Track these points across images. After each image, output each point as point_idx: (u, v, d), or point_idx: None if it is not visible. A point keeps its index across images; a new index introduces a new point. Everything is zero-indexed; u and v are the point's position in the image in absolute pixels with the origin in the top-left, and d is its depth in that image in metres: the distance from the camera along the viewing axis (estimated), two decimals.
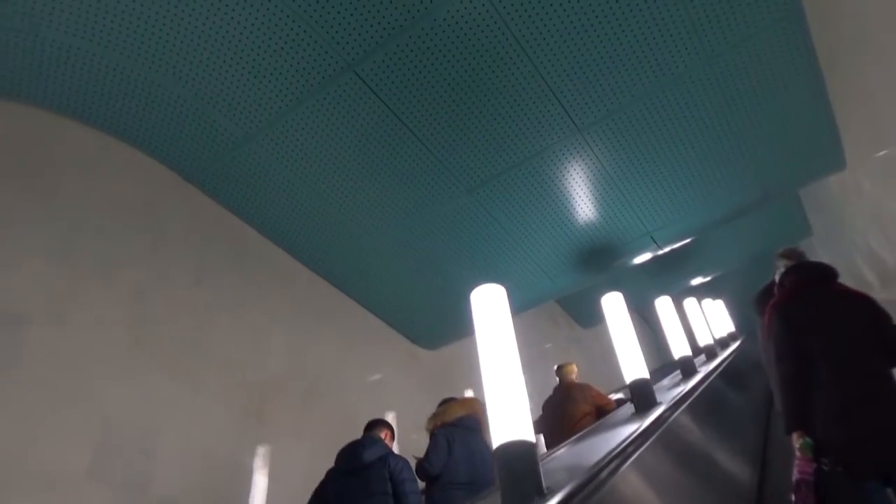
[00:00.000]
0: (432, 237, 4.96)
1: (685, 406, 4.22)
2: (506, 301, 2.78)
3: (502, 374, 2.51)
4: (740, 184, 4.74)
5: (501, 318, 2.71)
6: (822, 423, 2.40)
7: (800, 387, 2.51)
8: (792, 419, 2.50)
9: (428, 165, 4.35)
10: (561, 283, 5.59)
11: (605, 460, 2.34)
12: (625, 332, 4.40)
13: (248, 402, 4.11)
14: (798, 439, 2.43)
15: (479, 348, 2.62)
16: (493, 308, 2.74)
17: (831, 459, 2.30)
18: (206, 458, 3.70)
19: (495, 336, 2.64)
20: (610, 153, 4.43)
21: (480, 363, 2.57)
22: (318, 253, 5.06)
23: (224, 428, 3.91)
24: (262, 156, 4.24)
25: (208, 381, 3.92)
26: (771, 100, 4.15)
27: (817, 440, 2.38)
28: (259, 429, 4.12)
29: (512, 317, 6.14)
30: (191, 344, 3.96)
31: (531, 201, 4.75)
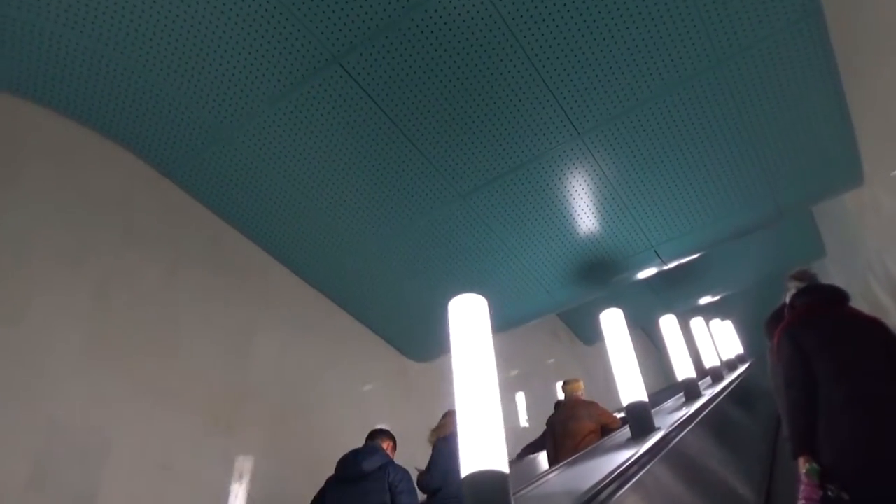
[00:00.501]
0: (422, 243, 4.72)
1: (685, 432, 3.97)
2: (486, 314, 2.55)
3: (477, 395, 2.29)
4: (751, 198, 4.46)
5: (480, 332, 2.49)
6: (830, 449, 2.36)
7: (808, 411, 2.46)
8: (799, 444, 2.45)
9: (418, 167, 4.12)
10: (559, 296, 5.32)
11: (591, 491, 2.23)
12: (624, 350, 4.19)
13: (216, 411, 3.85)
14: (804, 464, 2.39)
15: (454, 364, 2.40)
16: (472, 321, 2.51)
17: (837, 486, 2.26)
18: (163, 470, 3.43)
19: (473, 352, 2.42)
20: (612, 160, 4.17)
21: (455, 381, 2.34)
22: (303, 256, 4.82)
23: (187, 437, 3.65)
24: (243, 151, 4.03)
25: (173, 385, 3.67)
26: (785, 108, 3.89)
27: (824, 466, 2.34)
28: (227, 441, 3.86)
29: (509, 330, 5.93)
30: (157, 343, 3.73)
31: (527, 209, 4.50)
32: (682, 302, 9.59)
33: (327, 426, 4.69)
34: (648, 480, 2.70)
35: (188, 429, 3.68)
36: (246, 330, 4.35)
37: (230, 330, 4.22)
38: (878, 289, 5.73)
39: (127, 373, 3.50)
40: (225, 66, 3.50)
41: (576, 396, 4.83)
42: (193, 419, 3.73)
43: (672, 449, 3.48)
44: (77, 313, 3.40)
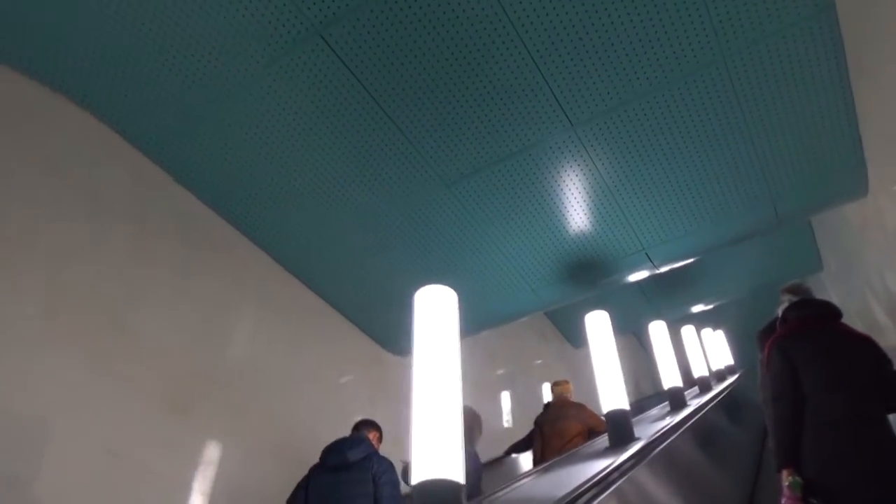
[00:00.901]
0: (403, 231, 4.50)
1: (666, 443, 3.82)
2: (455, 308, 2.37)
3: (438, 398, 2.09)
4: (749, 203, 4.25)
5: (447, 327, 2.29)
6: (815, 463, 2.41)
7: (795, 425, 2.52)
8: (784, 456, 2.51)
9: (401, 151, 3.90)
10: (544, 295, 5.11)
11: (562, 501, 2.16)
12: (607, 355, 4.04)
13: (172, 395, 3.63)
14: (788, 477, 2.45)
15: (415, 360, 2.22)
16: (438, 315, 2.32)
17: (819, 500, 2.33)
18: (110, 455, 3.22)
19: (437, 349, 2.23)
20: (605, 155, 3.96)
21: (414, 379, 2.16)
22: (277, 236, 4.59)
23: (139, 422, 3.43)
24: (217, 127, 3.81)
25: (128, 367, 3.45)
26: (790, 109, 3.69)
27: (807, 479, 2.39)
28: (182, 427, 3.65)
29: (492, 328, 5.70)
30: (115, 321, 3.50)
31: (514, 202, 4.28)
32: (674, 309, 9.45)
33: (296, 415, 4.49)
34: (624, 492, 2.60)
35: (141, 413, 3.47)
36: (214, 311, 4.13)
37: (197, 311, 4.01)
38: (875, 307, 5.55)
39: (79, 352, 3.27)
40: (201, 35, 3.28)
41: (565, 397, 4.91)
42: (148, 403, 3.52)
43: (651, 460, 3.29)
44: (29, 288, 3.19)
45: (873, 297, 5.56)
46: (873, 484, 2.29)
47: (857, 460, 2.35)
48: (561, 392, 4.99)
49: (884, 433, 2.42)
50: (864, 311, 6.13)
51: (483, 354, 7.33)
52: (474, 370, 7.16)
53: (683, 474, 3.69)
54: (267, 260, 4.71)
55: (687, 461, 3.95)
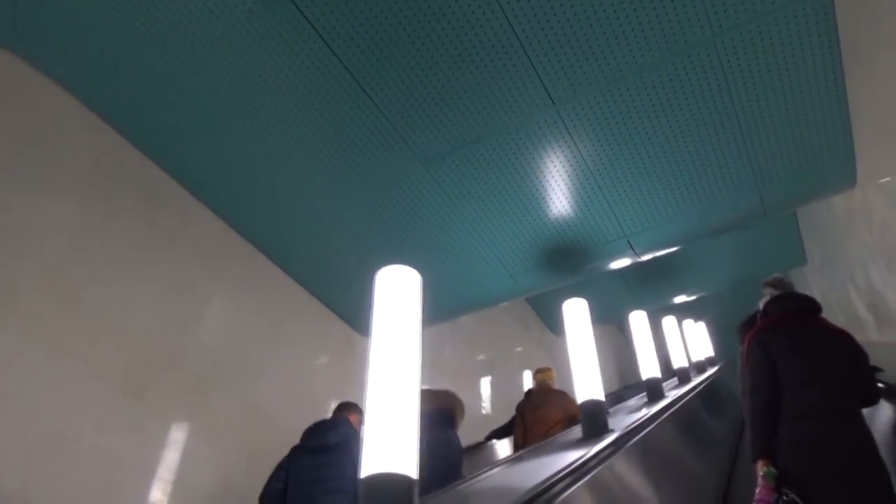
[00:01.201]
0: (378, 211, 4.33)
1: (641, 436, 3.72)
2: (418, 291, 2.22)
3: (394, 386, 1.95)
4: (735, 191, 4.13)
5: (408, 312, 2.15)
6: (790, 454, 2.47)
7: (771, 417, 2.57)
8: (759, 448, 2.56)
9: (377, 127, 3.72)
10: (523, 281, 4.98)
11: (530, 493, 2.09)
12: (584, 344, 3.92)
13: (132, 378, 3.47)
14: (763, 467, 2.50)
15: (371, 345, 2.08)
16: (399, 297, 2.17)
17: (793, 490, 2.36)
18: (61, 440, 3.05)
19: (396, 334, 2.08)
20: (588, 137, 3.81)
21: (369, 364, 2.02)
22: (246, 214, 4.42)
23: (96, 406, 3.27)
24: (184, 95, 3.60)
25: (82, 346, 3.27)
26: (780, 95, 3.56)
27: (782, 470, 2.45)
28: (143, 411, 3.48)
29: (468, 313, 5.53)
30: (71, 299, 3.32)
31: (493, 184, 4.13)
32: (656, 299, 9.39)
33: (265, 400, 4.35)
34: (594, 485, 2.55)
35: (100, 397, 3.30)
36: (177, 289, 3.95)
37: (159, 288, 3.82)
38: (857, 301, 5.49)
39: (33, 334, 3.10)
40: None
41: (547, 384, 4.86)
42: (102, 384, 3.34)
43: (624, 452, 3.20)
44: None
45: (855, 292, 5.50)
46: (846, 476, 2.35)
47: (831, 453, 2.40)
48: (543, 379, 4.92)
49: (858, 427, 2.47)
50: (846, 305, 6.09)
51: (462, 340, 7.22)
52: (452, 356, 7.05)
53: (657, 466, 3.61)
54: (236, 239, 4.53)
55: (661, 453, 3.87)
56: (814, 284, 8.49)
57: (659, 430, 4.10)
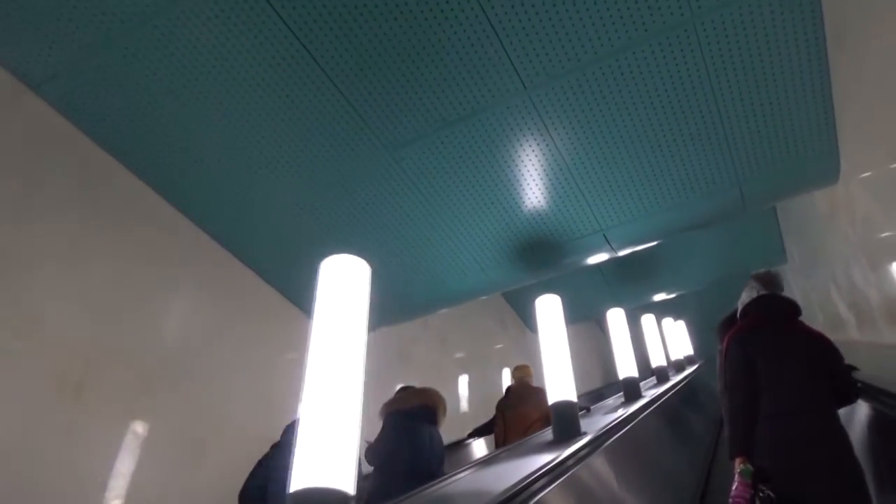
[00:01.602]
0: (339, 200, 4.09)
1: (615, 438, 3.58)
2: (366, 284, 2.02)
3: (332, 389, 1.74)
4: (714, 183, 3.96)
5: (354, 306, 1.94)
6: (766, 452, 2.52)
7: (748, 416, 2.63)
8: (736, 445, 2.62)
9: (337, 110, 3.48)
10: (495, 276, 4.77)
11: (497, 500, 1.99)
12: (557, 341, 3.75)
13: (63, 375, 3.19)
14: (739, 465, 2.55)
15: (311, 342, 1.87)
16: (345, 291, 1.96)
17: (769, 487, 2.40)
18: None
19: (339, 331, 1.86)
20: (561, 124, 3.61)
21: (308, 363, 1.81)
22: (198, 197, 4.11)
23: (29, 406, 3.00)
24: (128, 66, 3.32)
25: (11, 342, 3.01)
26: (762, 84, 3.39)
27: (758, 468, 2.49)
28: (73, 410, 3.21)
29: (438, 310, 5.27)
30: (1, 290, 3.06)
31: (462, 173, 3.91)
32: (636, 297, 9.28)
33: (221, 398, 4.10)
34: (563, 491, 2.47)
35: (33, 396, 3.03)
36: (122, 281, 3.66)
37: (100, 280, 3.53)
38: (838, 301, 5.37)
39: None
40: None
41: (525, 382, 4.93)
42: (41, 384, 3.08)
43: (596, 456, 3.07)
44: None
45: (836, 290, 5.38)
46: (821, 474, 2.40)
47: (806, 451, 2.46)
48: (521, 376, 4.96)
49: (834, 426, 2.53)
50: (827, 304, 5.98)
51: (434, 338, 7.03)
52: (425, 354, 6.86)
53: (631, 469, 3.49)
54: (187, 224, 4.22)
55: (636, 456, 3.73)
56: (793, 283, 8.40)
57: (634, 431, 3.97)
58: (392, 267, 4.54)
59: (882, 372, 3.48)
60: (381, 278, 2.31)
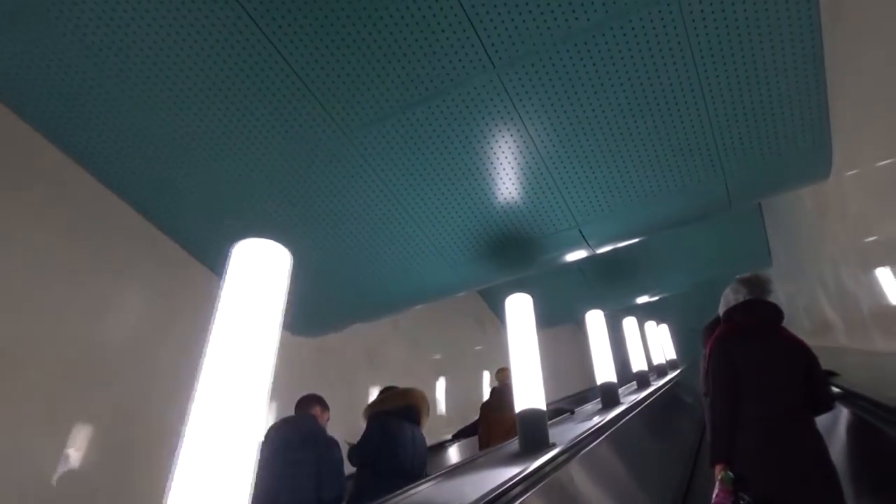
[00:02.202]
0: (294, 188, 3.76)
1: (588, 449, 3.35)
2: (285, 275, 1.71)
3: (232, 395, 1.43)
4: (697, 178, 3.68)
5: (265, 303, 1.63)
6: (747, 459, 2.52)
7: (730, 423, 2.63)
8: (717, 452, 2.62)
9: (288, 87, 3.16)
10: (465, 274, 4.46)
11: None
12: (527, 344, 3.47)
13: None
14: (720, 472, 2.55)
15: (209, 345, 1.56)
16: (256, 283, 1.65)
17: (749, 494, 2.43)
18: None
19: (244, 334, 1.56)
20: (534, 108, 3.31)
21: (201, 369, 1.49)
22: (134, 179, 3.75)
23: None
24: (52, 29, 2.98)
25: None
26: (751, 65, 3.10)
27: (739, 475, 2.50)
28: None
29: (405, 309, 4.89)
30: None
31: (426, 160, 3.59)
32: (619, 299, 9.06)
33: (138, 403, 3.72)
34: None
35: None
36: (43, 268, 3.31)
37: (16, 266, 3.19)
38: (826, 304, 5.12)
39: None
40: None
41: (508, 384, 4.80)
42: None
43: (566, 471, 2.82)
44: None
45: (824, 294, 5.14)
46: (800, 481, 2.43)
47: (786, 459, 2.47)
48: (504, 379, 4.93)
49: (813, 434, 2.55)
50: (814, 309, 5.74)
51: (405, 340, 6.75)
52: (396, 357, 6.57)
53: (604, 485, 3.22)
54: (111, 199, 3.84)
55: (610, 470, 3.46)
56: (779, 287, 8.15)
57: (610, 441, 3.71)
58: (352, 259, 4.22)
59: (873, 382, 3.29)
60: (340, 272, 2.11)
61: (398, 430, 3.59)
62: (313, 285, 4.44)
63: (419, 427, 3.76)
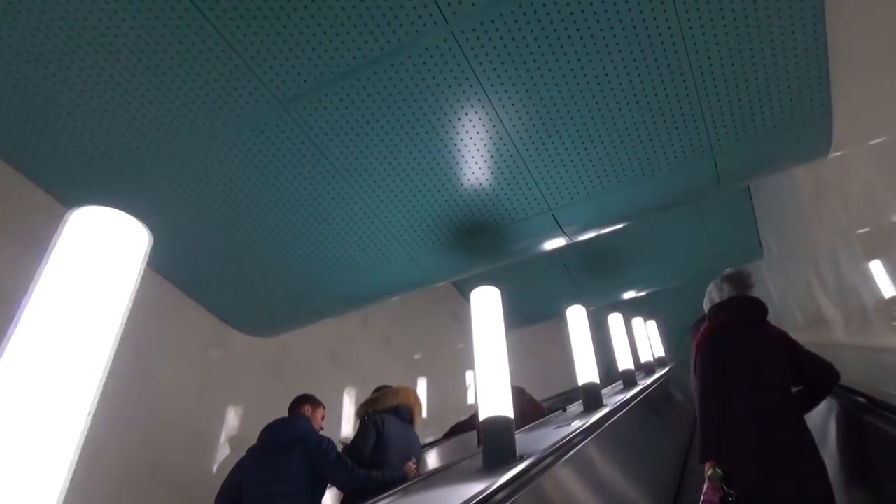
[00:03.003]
0: (225, 168, 3.32)
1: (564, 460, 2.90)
2: (141, 256, 1.30)
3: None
4: (683, 155, 3.28)
5: (112, 291, 1.21)
6: (735, 456, 2.55)
7: (718, 420, 2.65)
8: (706, 450, 2.66)
9: (206, 44, 2.73)
10: (430, 266, 4.02)
11: None
12: (493, 342, 3.09)
13: None
14: (709, 469, 2.58)
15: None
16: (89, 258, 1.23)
17: (738, 491, 2.47)
18: None
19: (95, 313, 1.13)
20: (496, 74, 2.88)
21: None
22: (42, 159, 3.27)
23: None
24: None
25: None
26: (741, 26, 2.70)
27: (728, 472, 2.53)
28: None
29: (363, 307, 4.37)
30: None
31: (374, 134, 3.14)
32: (604, 294, 8.71)
33: None
34: None
35: None
36: None
37: None
38: (822, 296, 4.76)
39: None
40: None
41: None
42: None
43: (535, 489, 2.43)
44: None
45: (819, 285, 4.77)
46: (788, 477, 2.44)
47: (774, 455, 2.48)
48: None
49: (801, 430, 2.56)
50: (807, 302, 5.39)
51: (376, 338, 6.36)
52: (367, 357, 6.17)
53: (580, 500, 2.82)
54: (31, 188, 3.40)
55: (587, 484, 3.07)
56: (769, 280, 7.88)
57: (590, 449, 3.34)
58: (303, 249, 3.79)
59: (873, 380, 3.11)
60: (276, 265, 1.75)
61: (392, 428, 3.61)
62: (246, 281, 4.03)
63: (413, 425, 3.80)
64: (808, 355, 2.74)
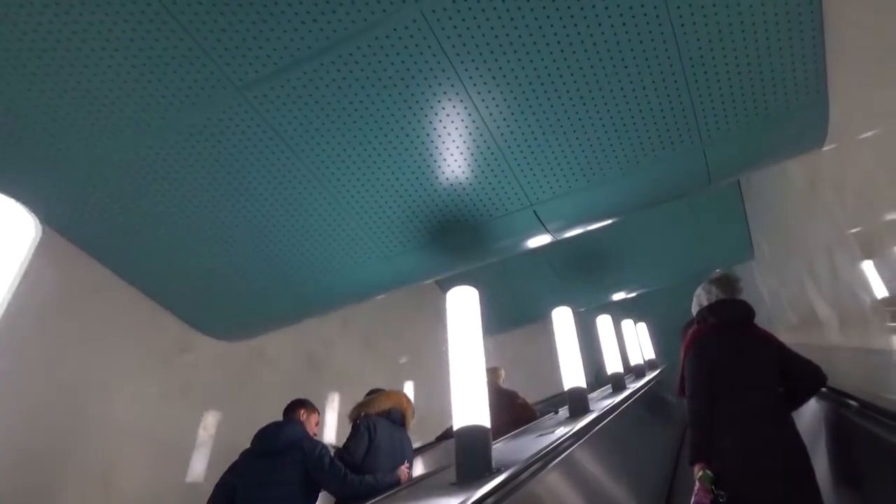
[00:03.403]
0: (182, 160, 3.10)
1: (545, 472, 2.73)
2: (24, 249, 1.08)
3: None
4: (671, 147, 3.08)
5: None
6: (725, 458, 2.59)
7: (707, 422, 2.71)
8: (696, 452, 2.71)
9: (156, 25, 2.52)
10: (405, 265, 3.79)
11: None
12: (469, 345, 2.91)
13: None
14: (699, 471, 2.63)
15: None
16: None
17: (728, 492, 2.50)
18: None
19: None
20: (470, 57, 2.67)
21: None
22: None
23: None
24: None
25: None
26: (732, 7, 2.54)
27: (717, 473, 2.58)
28: None
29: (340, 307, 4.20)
30: None
31: (341, 123, 2.92)
32: (593, 295, 8.56)
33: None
34: None
35: None
36: None
37: None
38: (816, 297, 4.59)
39: None
40: None
41: (496, 385, 4.89)
42: None
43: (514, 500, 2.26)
44: None
45: (814, 285, 4.60)
46: (777, 478, 2.47)
47: (763, 456, 2.52)
48: (492, 380, 4.67)
49: (790, 431, 2.61)
50: (800, 303, 5.22)
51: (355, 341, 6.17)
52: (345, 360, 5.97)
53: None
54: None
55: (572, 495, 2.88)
56: (761, 281, 7.74)
57: (574, 459, 3.17)
58: (266, 247, 3.58)
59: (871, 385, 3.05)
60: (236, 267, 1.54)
61: (383, 432, 3.61)
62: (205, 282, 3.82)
63: (405, 429, 3.82)
64: (795, 358, 2.81)
